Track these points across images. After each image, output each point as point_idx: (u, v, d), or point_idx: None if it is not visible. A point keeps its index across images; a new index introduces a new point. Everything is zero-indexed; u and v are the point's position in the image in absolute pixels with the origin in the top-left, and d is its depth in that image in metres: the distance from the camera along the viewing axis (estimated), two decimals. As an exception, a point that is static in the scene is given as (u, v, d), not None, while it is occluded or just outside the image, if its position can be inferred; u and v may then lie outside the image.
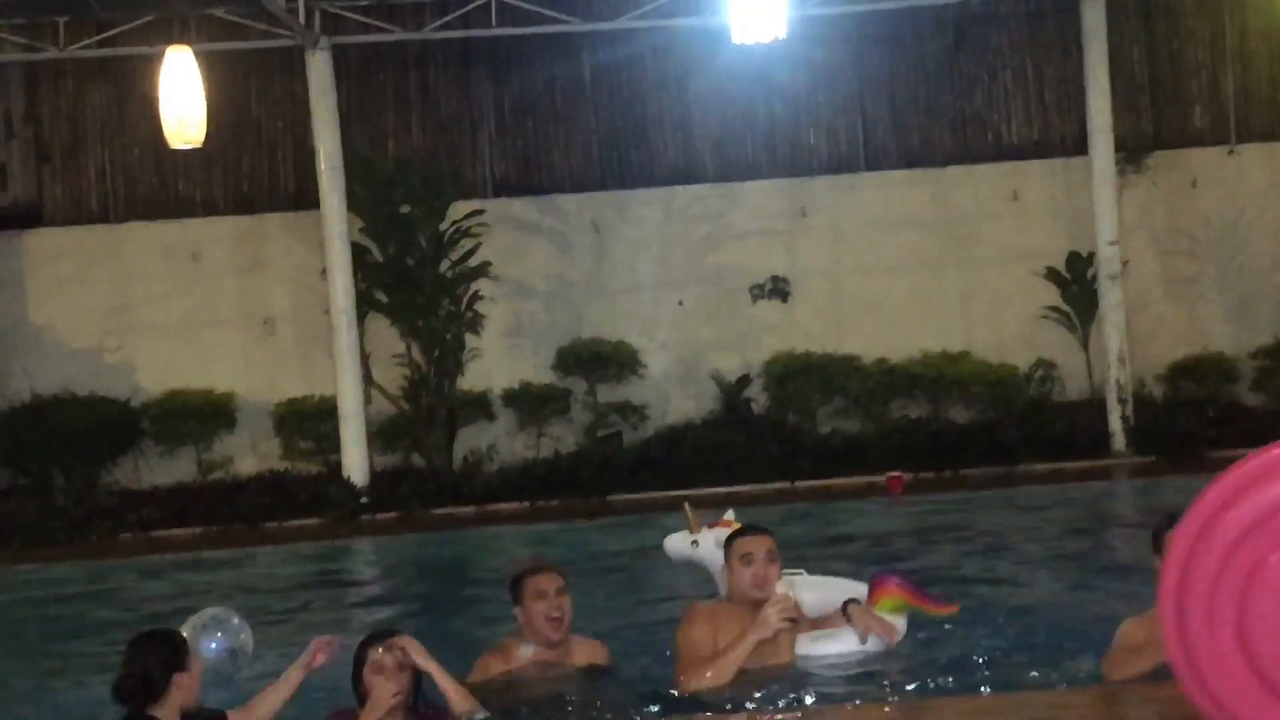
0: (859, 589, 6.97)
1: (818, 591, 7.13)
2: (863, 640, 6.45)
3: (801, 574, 7.38)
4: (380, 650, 5.81)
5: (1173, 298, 16.99)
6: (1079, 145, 16.41)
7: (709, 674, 6.26)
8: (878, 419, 16.18)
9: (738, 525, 7.23)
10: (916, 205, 17.08)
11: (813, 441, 15.76)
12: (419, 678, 5.83)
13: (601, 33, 16.39)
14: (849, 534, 12.39)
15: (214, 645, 6.80)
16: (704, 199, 17.19)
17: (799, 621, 6.44)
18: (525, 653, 6.55)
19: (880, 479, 14.58)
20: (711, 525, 7.57)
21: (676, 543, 7.89)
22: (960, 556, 11.23)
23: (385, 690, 5.66)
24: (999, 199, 17.21)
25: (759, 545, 6.54)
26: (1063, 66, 17.03)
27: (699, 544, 7.56)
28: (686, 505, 7.84)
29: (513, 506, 15.02)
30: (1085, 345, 16.40)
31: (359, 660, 5.83)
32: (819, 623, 6.67)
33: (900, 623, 6.59)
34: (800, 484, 15.01)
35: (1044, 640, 7.40)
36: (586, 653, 6.64)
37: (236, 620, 6.97)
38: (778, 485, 15.01)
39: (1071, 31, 16.38)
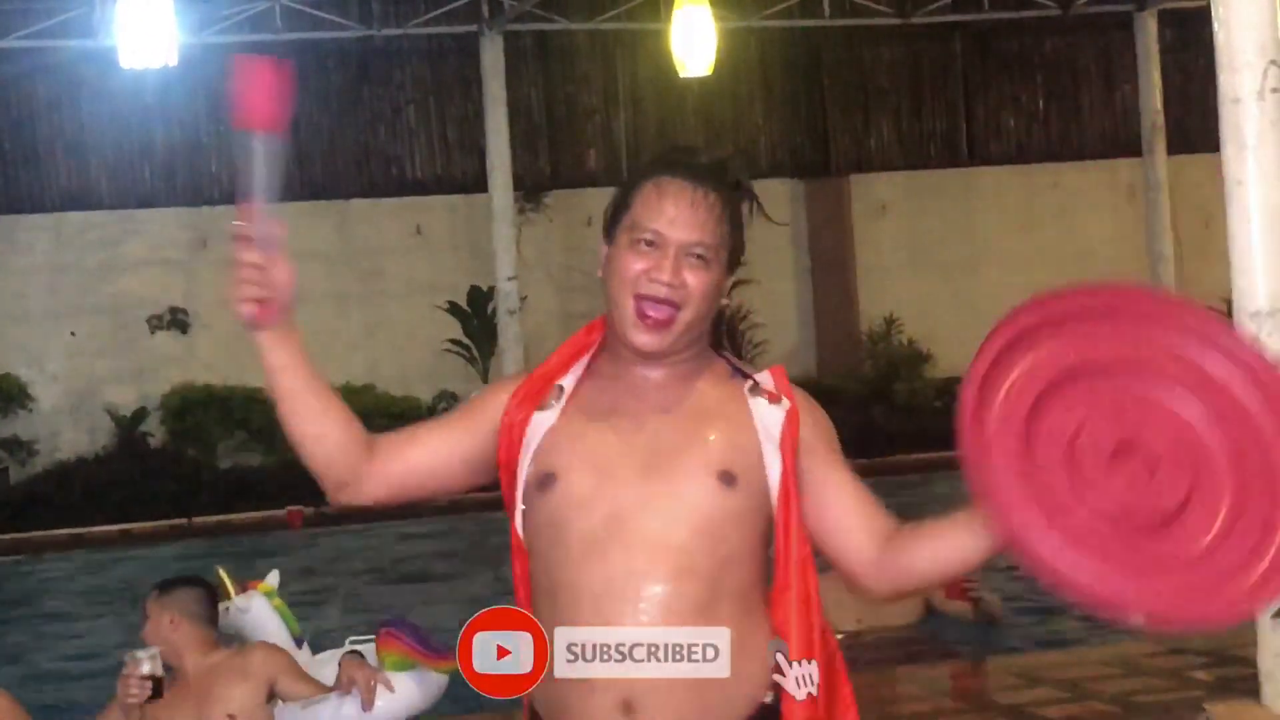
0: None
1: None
2: (346, 692, 5.53)
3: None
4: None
5: (569, 332, 17.28)
6: (480, 182, 16.77)
7: None
8: (279, 452, 16.01)
9: (270, 587, 6.43)
10: (320, 238, 17.02)
11: (212, 476, 15.50)
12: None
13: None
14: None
15: None
16: (99, 226, 16.62)
17: (158, 695, 5.38)
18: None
19: (281, 513, 14.46)
20: (247, 586, 6.46)
21: None
22: (361, 586, 11.35)
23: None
24: (403, 233, 17.39)
25: None
26: (464, 105, 17.40)
27: (235, 609, 6.29)
28: (220, 570, 7.05)
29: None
30: (485, 378, 16.77)
31: None
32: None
33: (405, 681, 5.66)
34: (198, 519, 14.75)
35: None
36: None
37: None
38: (174, 521, 14.70)
39: (472, 70, 16.74)
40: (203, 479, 15.38)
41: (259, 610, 6.31)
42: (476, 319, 16.85)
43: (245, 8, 15.59)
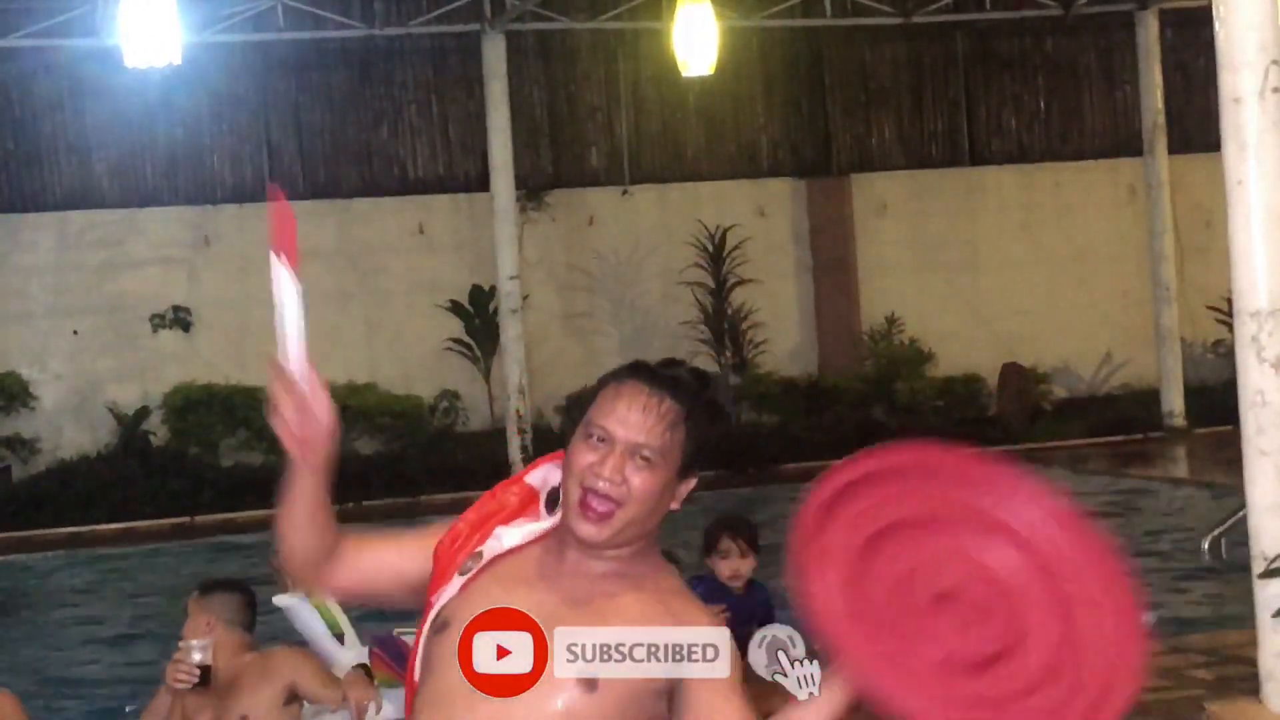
0: None
1: None
2: (337, 707, 5.63)
3: None
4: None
5: (570, 331, 17.59)
6: (482, 181, 16.77)
7: None
8: (279, 450, 15.97)
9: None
10: (322, 236, 17.02)
11: (214, 474, 15.50)
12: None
13: (-10, 48, 15.61)
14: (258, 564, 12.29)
15: None
16: (101, 225, 16.63)
17: (205, 684, 5.53)
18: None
19: (283, 510, 14.44)
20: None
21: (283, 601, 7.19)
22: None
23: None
24: (405, 232, 17.39)
25: None
26: (466, 104, 17.40)
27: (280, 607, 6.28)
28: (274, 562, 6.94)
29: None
30: (487, 377, 16.80)
31: None
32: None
33: (390, 702, 5.58)
34: (200, 518, 14.77)
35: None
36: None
37: None
38: (177, 520, 14.73)
39: (474, 69, 16.74)
40: (205, 477, 15.38)
41: (298, 610, 6.28)
42: (478, 318, 16.86)
43: (248, 7, 15.60)
